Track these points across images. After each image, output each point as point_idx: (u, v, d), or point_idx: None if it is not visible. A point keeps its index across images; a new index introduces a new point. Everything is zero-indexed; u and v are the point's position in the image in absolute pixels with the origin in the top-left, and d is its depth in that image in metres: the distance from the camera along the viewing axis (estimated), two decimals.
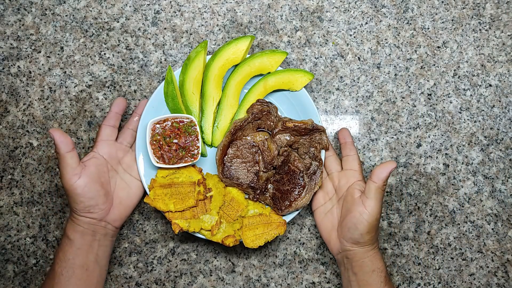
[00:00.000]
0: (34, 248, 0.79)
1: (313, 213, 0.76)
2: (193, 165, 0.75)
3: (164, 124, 0.72)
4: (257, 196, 0.73)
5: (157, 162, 0.72)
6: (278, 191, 0.73)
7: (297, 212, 0.74)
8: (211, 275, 0.79)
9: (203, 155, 0.75)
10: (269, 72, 0.75)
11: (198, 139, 0.72)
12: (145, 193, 0.75)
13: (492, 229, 0.80)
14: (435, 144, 0.81)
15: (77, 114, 0.80)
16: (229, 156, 0.72)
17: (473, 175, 0.80)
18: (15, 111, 0.80)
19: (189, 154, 0.72)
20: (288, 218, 0.74)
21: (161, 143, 0.72)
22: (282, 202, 0.72)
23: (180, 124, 0.72)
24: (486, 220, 0.80)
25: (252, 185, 0.72)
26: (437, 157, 0.80)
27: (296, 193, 0.72)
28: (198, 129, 0.72)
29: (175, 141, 0.72)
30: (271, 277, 0.79)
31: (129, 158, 0.74)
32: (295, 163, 0.73)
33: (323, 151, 0.75)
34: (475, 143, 0.81)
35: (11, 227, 0.79)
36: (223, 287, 0.79)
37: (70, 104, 0.80)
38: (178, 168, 0.73)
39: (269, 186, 0.74)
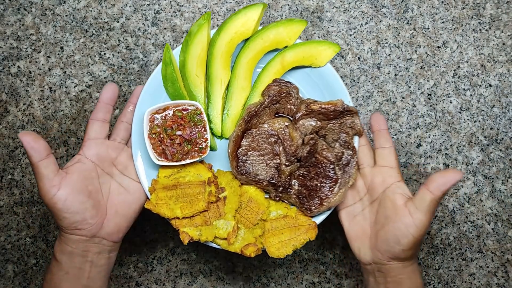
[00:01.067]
0: (34, 248, 0.79)
1: (337, 213, 0.64)
2: (201, 161, 0.64)
3: (164, 113, 0.61)
4: (280, 194, 0.63)
5: (158, 160, 0.61)
6: (305, 188, 0.62)
7: (329, 212, 0.63)
8: (211, 275, 0.79)
9: (212, 148, 0.65)
10: (286, 46, 0.63)
11: (205, 130, 0.61)
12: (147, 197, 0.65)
13: (492, 229, 0.80)
14: (435, 144, 0.81)
15: (77, 114, 0.80)
16: (244, 148, 0.62)
17: (473, 175, 0.80)
18: (15, 111, 0.80)
19: (196, 148, 0.61)
20: (318, 219, 0.63)
21: (161, 136, 0.61)
22: (311, 201, 0.61)
23: (184, 112, 0.61)
24: (486, 220, 0.80)
25: (273, 181, 0.62)
26: (437, 157, 0.80)
27: (328, 189, 0.61)
28: (205, 118, 0.61)
29: (179, 133, 0.61)
30: (271, 277, 0.79)
31: (125, 157, 0.62)
32: (324, 153, 0.62)
33: (356, 138, 0.63)
34: (475, 143, 0.81)
35: (11, 227, 0.79)
36: (223, 287, 0.79)
37: (70, 104, 0.80)
38: (184, 165, 0.62)
39: (293, 182, 0.63)
